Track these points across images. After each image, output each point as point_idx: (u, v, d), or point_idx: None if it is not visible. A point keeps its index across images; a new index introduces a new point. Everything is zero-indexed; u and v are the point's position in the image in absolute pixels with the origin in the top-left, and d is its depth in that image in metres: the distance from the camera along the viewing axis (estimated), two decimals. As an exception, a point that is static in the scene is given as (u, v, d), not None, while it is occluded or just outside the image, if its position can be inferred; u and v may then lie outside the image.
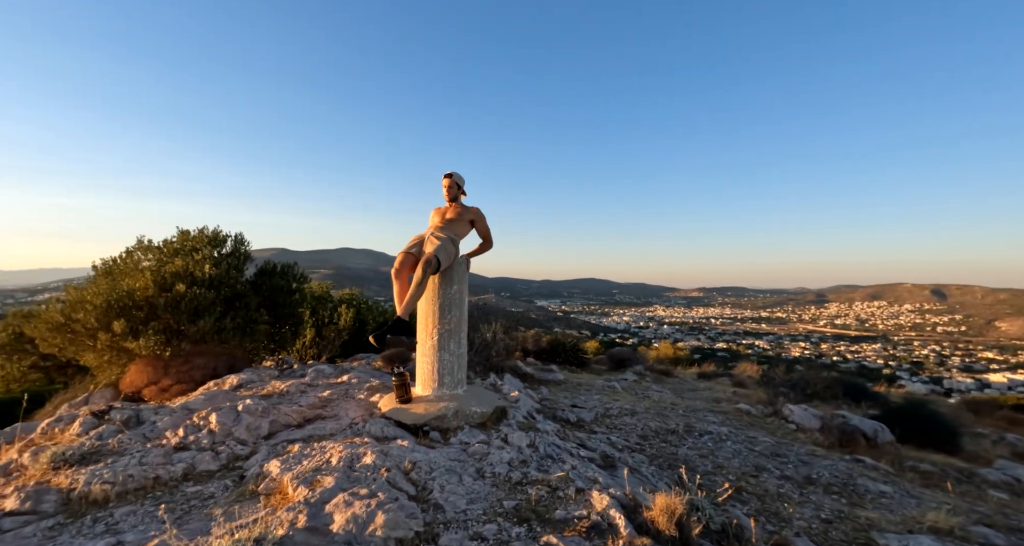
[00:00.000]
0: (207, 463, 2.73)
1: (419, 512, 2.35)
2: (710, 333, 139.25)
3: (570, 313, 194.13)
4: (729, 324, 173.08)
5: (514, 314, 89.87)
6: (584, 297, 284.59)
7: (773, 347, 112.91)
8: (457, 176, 3.76)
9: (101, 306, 4.24)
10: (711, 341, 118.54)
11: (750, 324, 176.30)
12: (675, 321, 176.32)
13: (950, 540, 2.51)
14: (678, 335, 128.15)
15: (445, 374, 3.56)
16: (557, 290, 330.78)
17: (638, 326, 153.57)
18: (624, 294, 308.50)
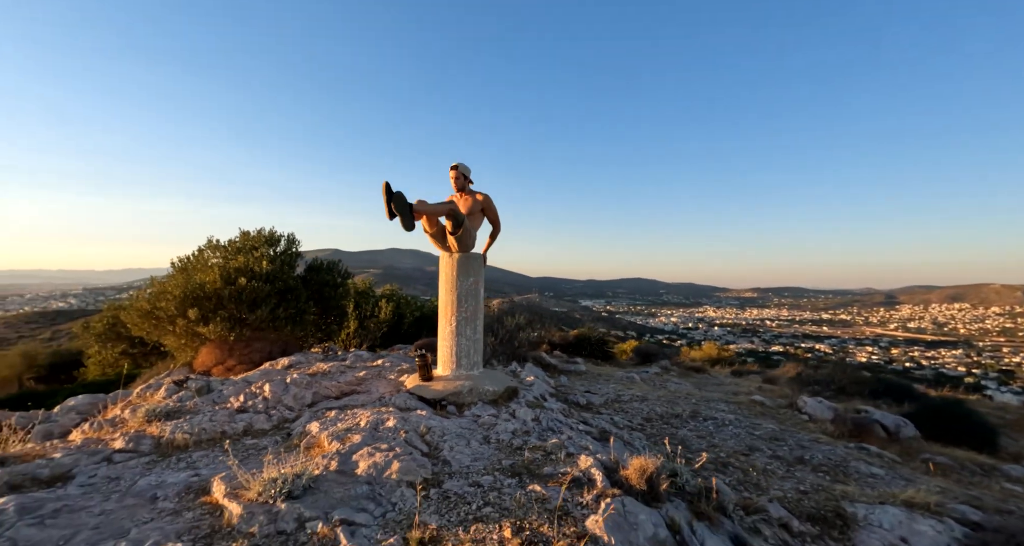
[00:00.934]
0: (261, 423, 3.30)
1: (429, 465, 2.78)
2: (765, 335, 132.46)
3: (615, 313, 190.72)
4: (786, 326, 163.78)
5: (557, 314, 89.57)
6: (630, 297, 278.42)
7: (836, 351, 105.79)
8: (463, 166, 4.07)
9: (179, 297, 5.02)
10: (766, 344, 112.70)
11: (810, 326, 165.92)
12: (726, 322, 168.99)
13: (920, 513, 2.62)
14: (729, 337, 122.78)
15: (462, 356, 3.99)
16: (602, 290, 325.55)
17: (686, 327, 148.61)
18: (672, 294, 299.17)
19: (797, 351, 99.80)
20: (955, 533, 2.53)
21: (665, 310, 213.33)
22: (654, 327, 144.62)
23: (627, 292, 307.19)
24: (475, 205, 4.11)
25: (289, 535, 2.05)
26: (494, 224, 4.35)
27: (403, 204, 3.41)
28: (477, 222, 4.15)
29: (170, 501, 2.34)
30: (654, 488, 2.49)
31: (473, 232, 4.06)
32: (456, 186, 4.13)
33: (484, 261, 4.25)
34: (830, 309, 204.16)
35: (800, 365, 10.69)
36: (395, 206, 3.38)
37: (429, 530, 2.12)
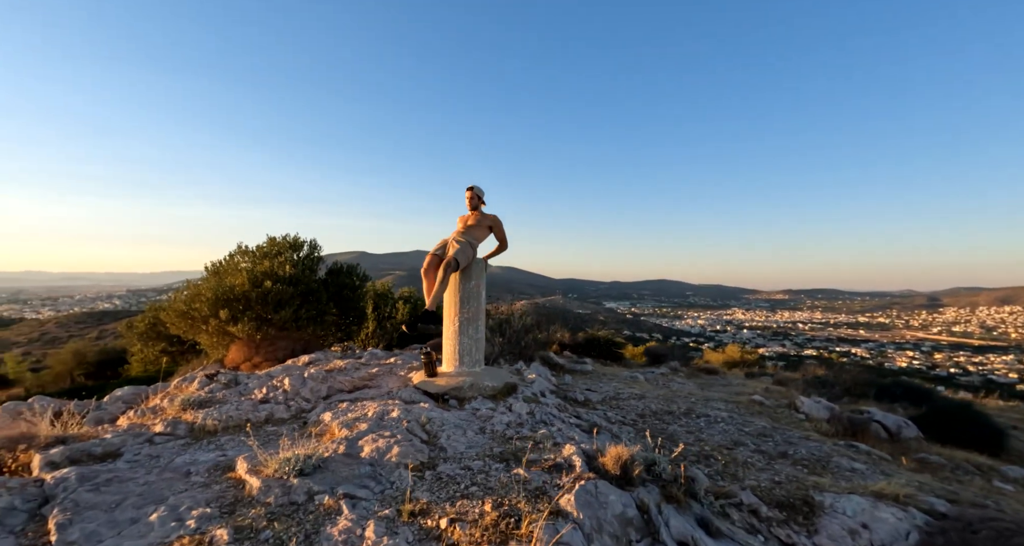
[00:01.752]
0: (281, 413, 3.67)
1: (426, 450, 3.08)
2: (797, 339, 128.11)
3: (640, 315, 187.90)
4: (820, 329, 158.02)
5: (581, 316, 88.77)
6: (655, 299, 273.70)
7: (874, 355, 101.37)
8: (477, 189, 4.48)
9: (211, 298, 5.51)
10: (798, 347, 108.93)
11: (845, 330, 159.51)
12: (756, 325, 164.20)
13: (886, 503, 2.74)
14: (759, 340, 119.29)
15: (464, 354, 4.28)
16: (627, 291, 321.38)
17: (714, 330, 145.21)
18: (699, 296, 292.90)
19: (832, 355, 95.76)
20: (916, 521, 2.66)
21: (692, 312, 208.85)
22: (680, 329, 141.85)
23: (652, 294, 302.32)
24: (484, 220, 4.53)
25: (300, 505, 2.38)
26: (501, 242, 4.74)
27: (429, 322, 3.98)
28: (483, 235, 4.54)
29: (201, 476, 2.71)
30: (628, 473, 2.72)
31: (476, 244, 4.41)
32: (470, 205, 4.57)
33: (486, 266, 4.55)
34: (867, 311, 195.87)
35: (818, 367, 10.57)
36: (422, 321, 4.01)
37: (420, 503, 2.41)
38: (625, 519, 2.43)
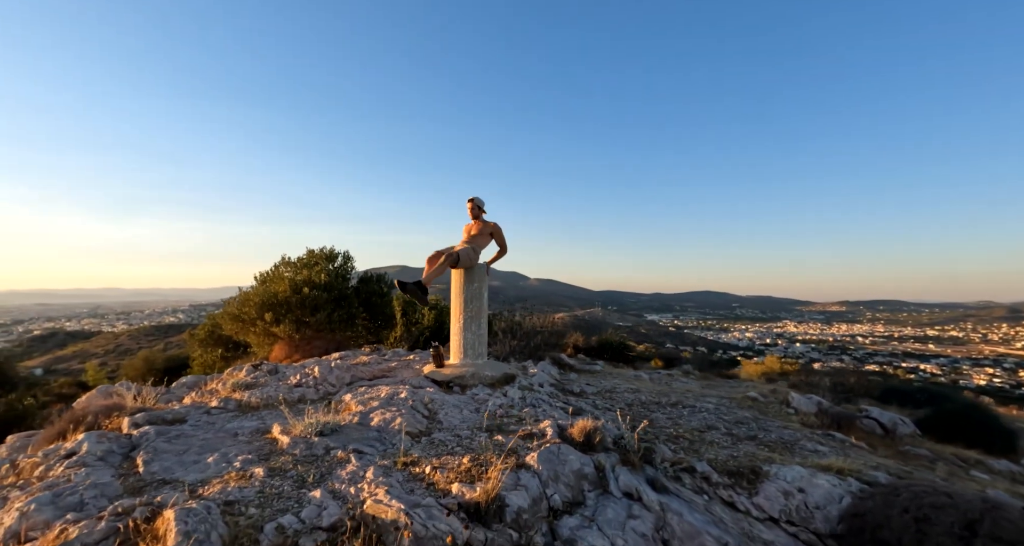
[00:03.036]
0: (311, 394, 4.35)
1: (425, 422, 3.65)
2: (856, 353, 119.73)
3: (683, 328, 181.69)
4: (882, 343, 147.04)
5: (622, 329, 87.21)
6: (699, 311, 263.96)
7: (947, 372, 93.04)
8: (478, 199, 5.07)
9: (258, 303, 6.37)
10: (858, 362, 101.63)
11: (912, 344, 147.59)
12: (810, 338, 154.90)
13: (827, 473, 3.01)
14: (814, 354, 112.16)
15: (468, 348, 4.84)
16: (669, 303, 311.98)
17: (763, 343, 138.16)
18: (746, 308, 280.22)
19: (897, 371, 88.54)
20: (851, 488, 2.94)
21: (739, 325, 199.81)
22: (727, 343, 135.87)
23: (696, 306, 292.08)
24: (485, 228, 5.10)
25: (318, 456, 3.00)
26: (501, 247, 5.29)
27: (417, 291, 4.50)
28: (484, 242, 5.11)
29: (245, 436, 3.39)
30: (590, 441, 3.17)
31: (478, 250, 4.99)
32: (472, 215, 5.16)
33: (488, 270, 5.12)
34: (936, 324, 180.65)
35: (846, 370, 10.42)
36: (413, 296, 4.50)
37: (412, 457, 2.97)
38: (581, 474, 2.89)
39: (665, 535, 2.63)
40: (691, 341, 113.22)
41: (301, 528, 2.22)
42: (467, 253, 4.76)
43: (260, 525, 2.21)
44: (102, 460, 2.84)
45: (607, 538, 2.50)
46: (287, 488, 2.57)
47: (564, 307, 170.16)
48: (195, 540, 1.96)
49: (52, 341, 63.69)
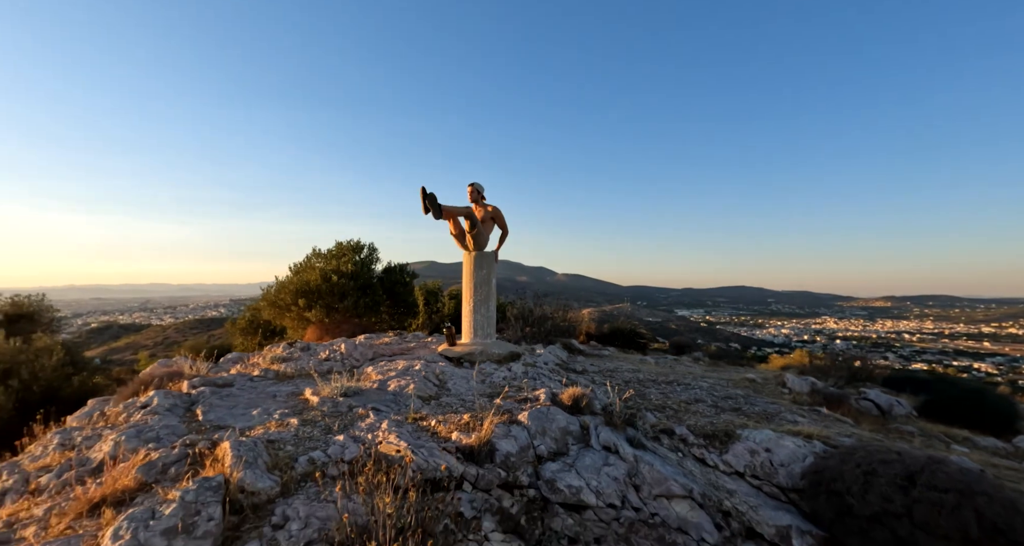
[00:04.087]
0: (337, 367, 4.91)
1: (435, 389, 4.13)
2: (903, 351, 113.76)
3: (715, 324, 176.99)
4: (932, 340, 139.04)
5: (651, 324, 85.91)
6: (733, 307, 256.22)
7: (1004, 371, 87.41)
8: (478, 185, 5.42)
9: (292, 291, 7.01)
10: (904, 360, 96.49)
11: (965, 341, 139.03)
12: (851, 335, 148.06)
13: (796, 438, 3.29)
14: (855, 351, 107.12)
15: (478, 328, 5.30)
16: (700, 299, 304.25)
17: (800, 340, 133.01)
18: (782, 303, 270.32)
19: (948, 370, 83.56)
20: (815, 449, 3.24)
21: (774, 321, 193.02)
22: (761, 339, 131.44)
23: (729, 301, 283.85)
24: (486, 214, 5.45)
25: (342, 412, 3.52)
26: (503, 229, 5.62)
27: (435, 201, 4.81)
28: (488, 228, 5.48)
29: (282, 397, 3.96)
30: (577, 405, 3.58)
31: (485, 234, 5.40)
32: (471, 199, 5.49)
33: (496, 257, 5.54)
34: (992, 321, 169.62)
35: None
36: (429, 202, 4.79)
37: (420, 414, 3.45)
38: (567, 431, 3.31)
39: (636, 481, 3.02)
40: (723, 337, 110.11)
41: (327, 461, 2.73)
42: (481, 230, 5.15)
43: (295, 457, 2.74)
44: (169, 411, 3.44)
45: (583, 479, 2.91)
46: (316, 433, 3.10)
47: (592, 302, 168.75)
48: (245, 461, 2.49)
49: (107, 333, 68.22)
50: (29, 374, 6.88)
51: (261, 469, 2.53)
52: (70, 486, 2.50)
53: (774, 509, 2.95)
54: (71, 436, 3.16)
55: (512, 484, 2.84)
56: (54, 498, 2.45)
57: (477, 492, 2.71)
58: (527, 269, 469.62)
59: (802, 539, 2.78)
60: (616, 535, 2.81)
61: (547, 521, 2.79)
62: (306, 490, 2.50)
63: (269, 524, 2.26)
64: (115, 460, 2.61)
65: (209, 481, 2.33)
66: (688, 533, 2.84)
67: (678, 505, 2.92)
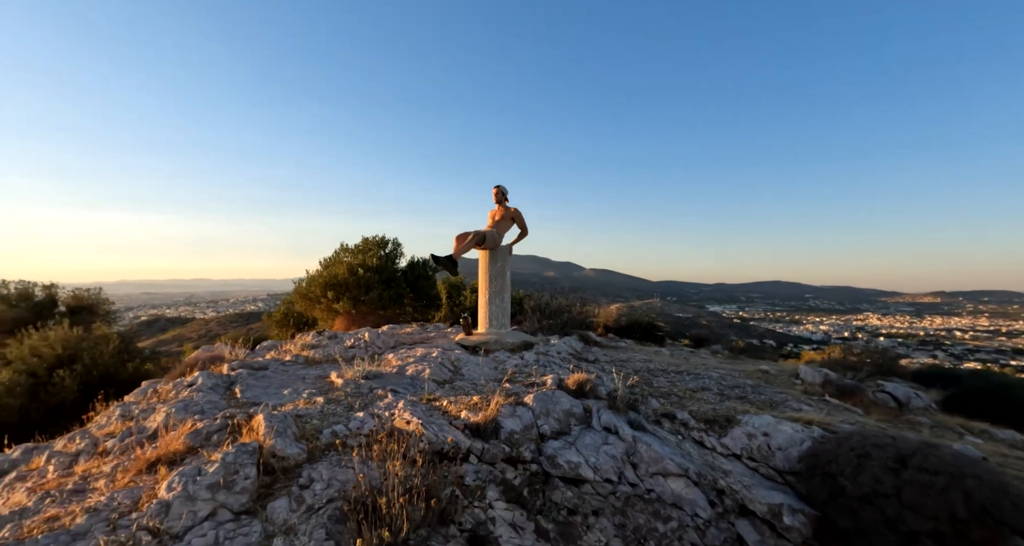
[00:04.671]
0: (361, 353, 5.26)
1: (450, 375, 4.40)
2: (953, 349, 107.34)
3: (749, 320, 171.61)
4: (987, 338, 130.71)
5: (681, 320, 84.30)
6: (767, 302, 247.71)
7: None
8: (502, 187, 5.70)
9: (322, 284, 7.44)
10: (955, 359, 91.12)
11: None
12: (897, 332, 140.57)
13: (795, 423, 3.37)
14: (901, 349, 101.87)
15: (493, 319, 5.54)
16: (733, 294, 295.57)
17: (841, 337, 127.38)
18: (821, 299, 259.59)
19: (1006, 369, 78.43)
20: (813, 434, 3.32)
21: (812, 317, 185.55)
22: (798, 336, 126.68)
23: (763, 297, 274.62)
24: (507, 213, 5.72)
25: (363, 393, 3.82)
26: (522, 229, 5.89)
27: (449, 263, 5.18)
28: (507, 226, 5.74)
29: (310, 379, 4.31)
30: (582, 389, 3.77)
31: (502, 233, 5.63)
32: (496, 200, 5.79)
33: (510, 251, 5.76)
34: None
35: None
36: (447, 264, 5.19)
37: (434, 395, 3.71)
38: (570, 413, 3.50)
39: (634, 459, 3.20)
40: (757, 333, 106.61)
41: (348, 433, 3.03)
42: (492, 235, 5.43)
43: (320, 429, 3.05)
44: (212, 389, 3.84)
45: (582, 456, 3.11)
46: (339, 410, 3.41)
47: (620, 298, 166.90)
48: (276, 431, 2.81)
49: (155, 326, 72.30)
50: (90, 359, 7.57)
51: (290, 438, 2.85)
52: (131, 449, 2.89)
53: (768, 489, 3.07)
54: (130, 409, 3.59)
55: (516, 459, 3.07)
56: (118, 458, 2.84)
57: (482, 464, 2.96)
58: (555, 264, 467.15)
59: (793, 517, 2.89)
60: (613, 508, 3.01)
61: (548, 493, 3.00)
62: (329, 457, 2.80)
63: (297, 484, 2.57)
64: (167, 428, 2.98)
65: (246, 446, 2.66)
66: (683, 508, 3.00)
67: (673, 482, 3.08)
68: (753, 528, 2.97)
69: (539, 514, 2.89)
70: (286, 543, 2.20)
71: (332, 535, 2.26)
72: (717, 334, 36.49)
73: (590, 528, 2.91)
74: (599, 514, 2.96)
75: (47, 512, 2.37)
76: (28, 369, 7.59)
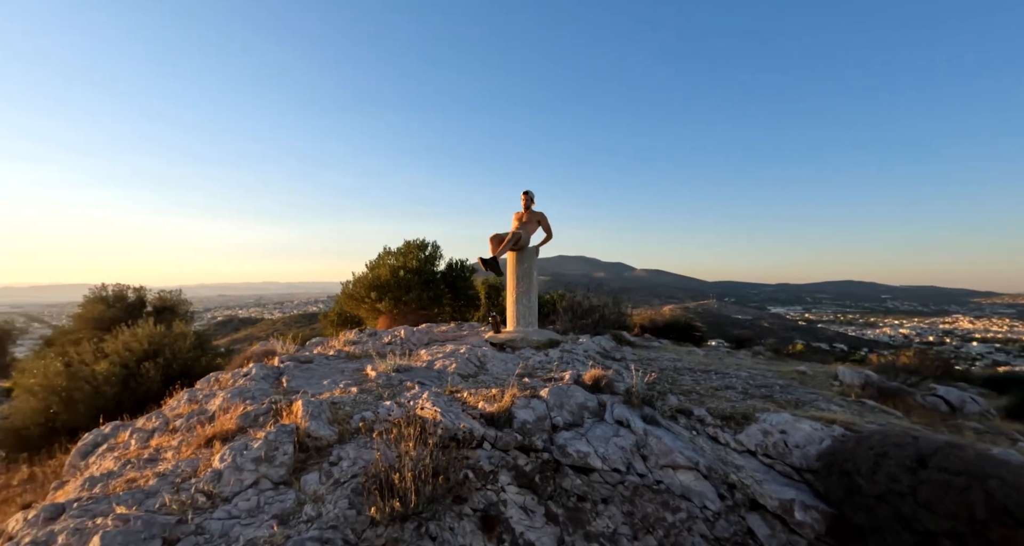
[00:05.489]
0: (396, 349, 5.63)
1: (475, 369, 4.64)
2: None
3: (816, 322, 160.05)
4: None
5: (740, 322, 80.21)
6: (837, 303, 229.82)
7: None
8: (530, 192, 5.90)
9: (367, 284, 7.97)
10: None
11: None
12: (993, 337, 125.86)
13: (815, 421, 3.27)
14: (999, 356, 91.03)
15: (520, 318, 5.73)
16: (798, 295, 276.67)
17: (925, 341, 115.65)
18: (900, 300, 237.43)
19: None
20: (834, 432, 3.25)
21: (889, 319, 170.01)
22: (874, 340, 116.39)
23: (833, 297, 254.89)
24: (533, 216, 5.92)
25: (393, 384, 4.14)
26: (548, 233, 6.08)
27: (495, 265, 5.52)
28: (533, 228, 5.93)
29: (348, 372, 4.70)
30: (598, 385, 3.88)
31: (528, 236, 5.83)
32: (524, 205, 6.00)
33: (536, 253, 5.94)
34: None
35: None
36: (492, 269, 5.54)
37: (457, 387, 3.96)
38: (584, 406, 3.64)
39: (644, 452, 3.28)
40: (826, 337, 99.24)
41: (375, 419, 3.33)
42: (525, 236, 5.66)
43: (351, 415, 3.37)
44: (263, 379, 4.31)
45: (592, 446, 3.24)
46: (370, 399, 3.74)
47: (673, 298, 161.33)
48: (312, 414, 3.16)
49: (229, 326, 78.45)
50: (170, 353, 8.52)
51: (324, 421, 3.19)
52: (193, 427, 3.35)
53: (780, 485, 3.05)
54: (196, 394, 4.12)
55: (528, 447, 3.25)
56: (184, 434, 3.31)
57: (495, 451, 3.16)
58: (603, 265, 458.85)
59: (805, 513, 2.87)
60: (622, 497, 3.12)
61: (559, 480, 3.16)
62: (357, 440, 3.11)
63: (327, 461, 2.89)
64: (223, 411, 3.43)
65: (285, 427, 3.02)
66: (691, 500, 3.06)
67: (683, 475, 3.14)
68: (764, 522, 2.98)
69: (550, 499, 3.06)
70: (315, 509, 2.51)
71: (354, 504, 2.55)
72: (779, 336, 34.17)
73: (599, 515, 3.04)
74: (608, 502, 3.08)
75: (127, 475, 2.84)
76: (121, 361, 8.66)
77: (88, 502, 2.53)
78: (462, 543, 2.66)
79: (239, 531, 2.34)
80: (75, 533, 2.21)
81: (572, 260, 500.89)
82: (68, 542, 2.16)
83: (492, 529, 2.84)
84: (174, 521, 2.34)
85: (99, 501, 2.53)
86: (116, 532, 2.16)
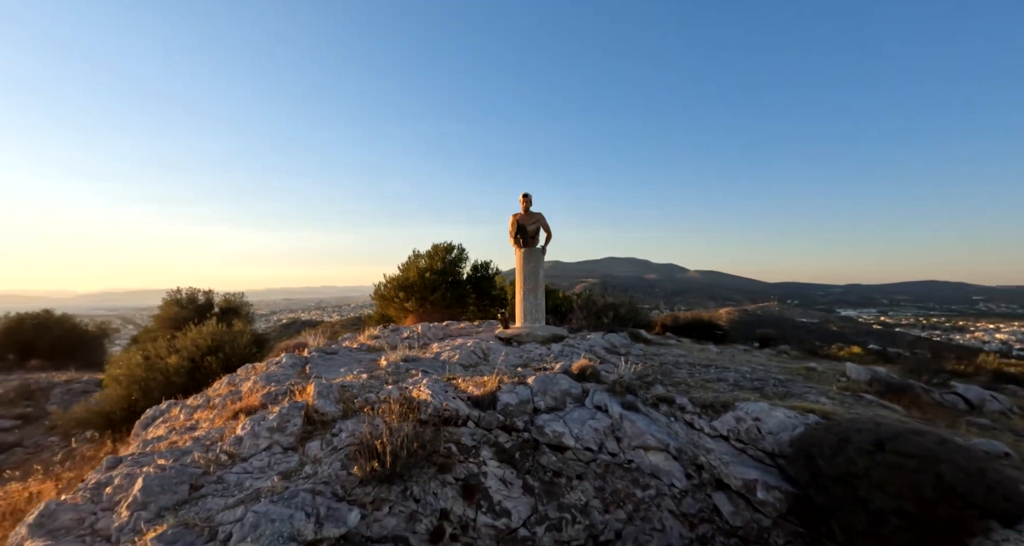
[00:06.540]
0: (412, 343, 6.10)
1: (478, 361, 5.00)
2: None
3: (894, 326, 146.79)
4: None
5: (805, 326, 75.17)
6: (918, 306, 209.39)
7: None
8: (529, 195, 6.20)
9: (396, 285, 8.56)
10: None
11: None
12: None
13: (791, 410, 3.31)
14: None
15: (527, 314, 6.02)
16: (872, 296, 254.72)
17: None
18: (994, 302, 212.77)
19: None
20: (808, 420, 3.30)
21: (983, 322, 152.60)
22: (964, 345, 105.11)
23: (913, 299, 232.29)
24: (533, 217, 6.25)
25: (401, 372, 4.58)
26: (548, 232, 6.34)
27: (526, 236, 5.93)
28: (535, 229, 6.24)
29: (365, 362, 5.20)
30: (583, 374, 4.11)
31: (534, 231, 6.14)
32: (523, 207, 6.32)
33: (544, 253, 6.21)
34: None
35: None
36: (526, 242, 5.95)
37: (455, 375, 4.33)
38: (567, 393, 3.89)
39: (618, 434, 3.50)
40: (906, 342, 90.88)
41: (376, 400, 3.76)
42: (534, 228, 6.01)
43: (356, 396, 3.82)
44: (291, 366, 4.89)
45: (568, 427, 3.49)
46: (376, 384, 4.18)
47: (731, 300, 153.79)
48: (320, 394, 3.64)
49: (292, 328, 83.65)
50: (230, 349, 9.55)
51: (331, 400, 3.66)
52: (227, 403, 3.94)
53: (746, 467, 3.17)
54: (234, 378, 4.77)
55: (509, 427, 3.55)
56: (219, 409, 3.91)
57: (478, 429, 3.49)
58: (655, 266, 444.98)
59: (768, 492, 2.99)
60: (595, 473, 3.35)
61: (536, 457, 3.44)
62: (358, 416, 3.55)
63: (330, 433, 3.35)
64: (252, 391, 4.00)
65: (297, 404, 3.52)
66: (660, 478, 3.25)
67: (653, 456, 3.33)
68: (729, 500, 3.12)
69: (527, 473, 3.35)
70: (313, 469, 2.96)
71: (345, 466, 2.98)
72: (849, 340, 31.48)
73: (573, 489, 3.29)
74: (582, 477, 3.33)
75: (171, 439, 3.44)
76: (189, 355, 9.81)
77: (139, 456, 3.12)
78: (443, 506, 3.01)
79: (250, 482, 2.83)
80: (127, 477, 2.78)
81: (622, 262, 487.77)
82: (121, 483, 2.72)
83: (472, 496, 3.17)
84: (200, 472, 2.86)
85: (147, 455, 3.12)
86: (155, 477, 2.70)
